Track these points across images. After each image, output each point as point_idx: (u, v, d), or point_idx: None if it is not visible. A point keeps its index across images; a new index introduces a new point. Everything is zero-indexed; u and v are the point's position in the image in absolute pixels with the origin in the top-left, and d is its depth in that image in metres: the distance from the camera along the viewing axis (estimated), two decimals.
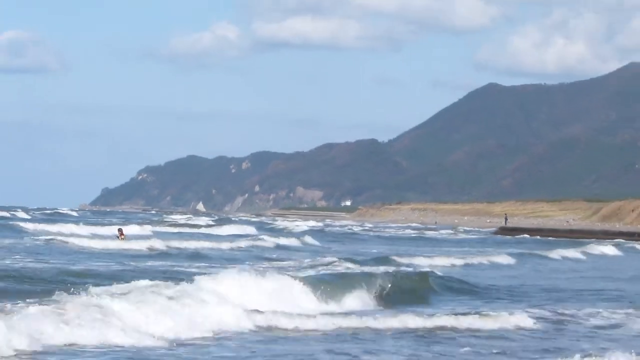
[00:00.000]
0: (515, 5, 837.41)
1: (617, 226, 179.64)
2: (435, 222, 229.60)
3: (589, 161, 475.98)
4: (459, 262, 68.17)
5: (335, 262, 57.00)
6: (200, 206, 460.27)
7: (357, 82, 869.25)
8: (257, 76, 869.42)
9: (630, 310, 37.16)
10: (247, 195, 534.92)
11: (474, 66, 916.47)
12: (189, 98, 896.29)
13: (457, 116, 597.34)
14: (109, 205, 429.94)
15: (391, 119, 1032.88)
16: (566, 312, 36.83)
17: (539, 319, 33.25)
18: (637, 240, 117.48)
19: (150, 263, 56.63)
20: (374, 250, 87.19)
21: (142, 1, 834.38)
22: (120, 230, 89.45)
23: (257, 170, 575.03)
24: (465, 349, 27.03)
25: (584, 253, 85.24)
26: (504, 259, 71.47)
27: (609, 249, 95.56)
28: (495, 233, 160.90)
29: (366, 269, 52.25)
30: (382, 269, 50.98)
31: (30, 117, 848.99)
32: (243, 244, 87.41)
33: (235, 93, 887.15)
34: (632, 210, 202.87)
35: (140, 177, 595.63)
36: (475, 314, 33.72)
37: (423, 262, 61.40)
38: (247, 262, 58.47)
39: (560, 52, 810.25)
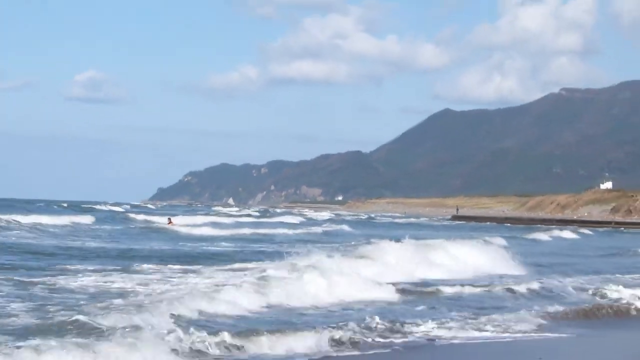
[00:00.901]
0: (465, 50, 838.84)
1: (540, 214, 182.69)
2: (405, 212, 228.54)
3: (519, 166, 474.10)
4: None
5: None
6: (231, 200, 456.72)
7: (346, 108, 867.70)
8: (271, 104, 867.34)
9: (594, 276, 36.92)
10: (265, 192, 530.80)
11: (433, 96, 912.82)
12: (221, 120, 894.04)
13: (420, 134, 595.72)
14: (163, 200, 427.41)
15: (371, 136, 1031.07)
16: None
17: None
18: (559, 225, 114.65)
19: (255, 245, 54.12)
20: (400, 232, 78.13)
21: (187, 48, 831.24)
22: (169, 218, 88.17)
23: (273, 174, 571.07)
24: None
25: (551, 236, 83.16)
26: (500, 241, 64.38)
27: (566, 233, 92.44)
28: (452, 219, 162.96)
29: None
30: None
31: (105, 135, 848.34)
32: (315, 229, 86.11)
33: (256, 116, 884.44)
34: (551, 203, 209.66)
35: (186, 179, 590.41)
36: None
37: None
38: (336, 243, 54.87)
39: (497, 85, 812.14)
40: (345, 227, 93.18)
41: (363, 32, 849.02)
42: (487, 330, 21.93)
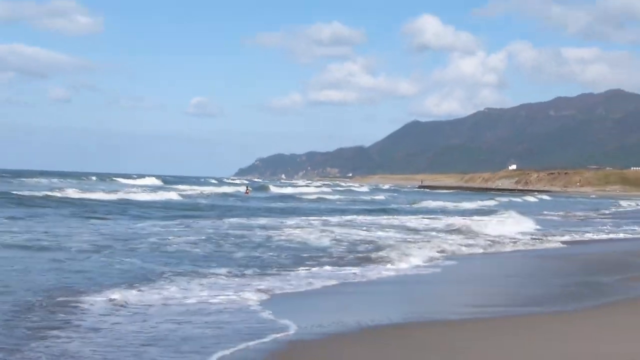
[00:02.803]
0: (428, 84, 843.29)
1: (473, 184, 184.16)
2: (388, 186, 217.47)
3: (460, 156, 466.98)
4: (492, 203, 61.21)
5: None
6: (283, 177, 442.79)
7: (354, 119, 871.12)
8: (309, 116, 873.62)
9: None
10: (304, 171, 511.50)
11: (408, 112, 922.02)
12: (278, 126, 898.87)
13: (400, 135, 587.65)
14: (242, 177, 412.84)
15: (370, 136, 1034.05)
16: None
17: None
18: (498, 193, 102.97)
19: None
20: (417, 196, 77.21)
21: (259, 82, 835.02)
22: (247, 186, 77.19)
23: (309, 160, 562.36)
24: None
25: (523, 200, 76.67)
26: (492, 202, 61.61)
27: (536, 196, 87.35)
28: (419, 188, 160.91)
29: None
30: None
31: (207, 136, 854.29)
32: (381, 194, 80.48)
33: (299, 124, 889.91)
34: (479, 178, 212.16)
35: (256, 163, 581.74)
36: None
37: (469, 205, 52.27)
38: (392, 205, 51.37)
39: (447, 105, 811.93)
40: (385, 195, 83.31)
41: (365, 73, 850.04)
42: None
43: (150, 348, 7.83)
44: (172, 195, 49.63)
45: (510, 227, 27.07)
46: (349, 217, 32.19)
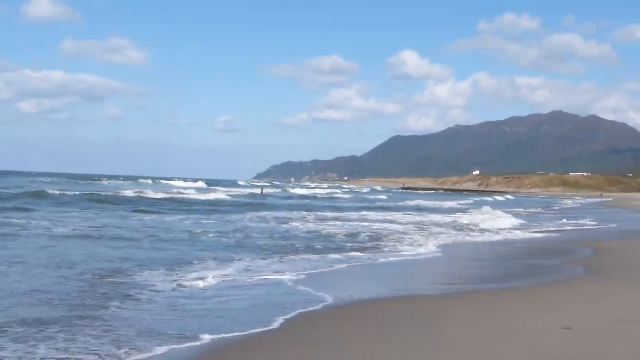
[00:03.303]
0: (408, 105, 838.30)
1: (445, 186, 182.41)
2: (379, 188, 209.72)
3: (434, 164, 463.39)
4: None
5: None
6: (292, 180, 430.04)
7: (350, 134, 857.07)
8: (314, 132, 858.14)
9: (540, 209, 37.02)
10: (309, 175, 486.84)
11: (393, 129, 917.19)
12: (289, 139, 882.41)
13: (386, 147, 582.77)
14: (260, 180, 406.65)
15: (362, 147, 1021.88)
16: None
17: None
18: (469, 194, 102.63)
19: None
20: (413, 196, 75.75)
21: (274, 104, 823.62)
22: (262, 188, 72.10)
23: (313, 166, 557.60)
24: None
25: (494, 199, 72.48)
26: (470, 201, 58.62)
27: (503, 197, 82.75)
28: (402, 189, 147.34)
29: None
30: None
31: (233, 147, 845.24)
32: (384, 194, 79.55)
33: (306, 138, 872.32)
34: (450, 182, 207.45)
35: (270, 168, 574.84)
36: None
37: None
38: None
39: (423, 123, 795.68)
40: (385, 194, 79.71)
41: (359, 97, 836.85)
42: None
43: (210, 318, 7.43)
44: (220, 195, 48.84)
45: (498, 222, 26.23)
46: (362, 213, 31.29)
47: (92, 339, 6.43)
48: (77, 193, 37.84)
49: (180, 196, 43.53)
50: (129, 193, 42.63)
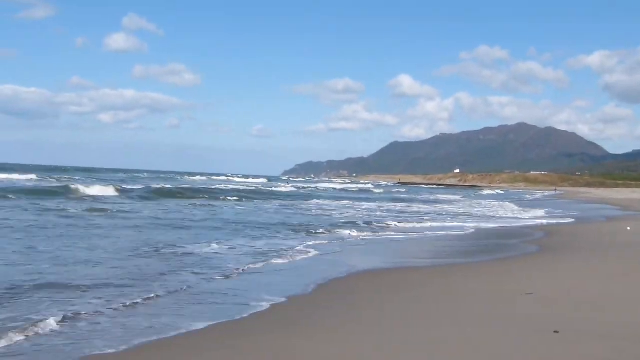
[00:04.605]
0: (403, 118, 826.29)
1: (432, 181, 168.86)
2: (384, 183, 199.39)
3: (426, 164, 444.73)
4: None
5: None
6: (312, 176, 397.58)
7: (358, 139, 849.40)
8: (329, 139, 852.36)
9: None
10: (325, 172, 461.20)
11: (392, 136, 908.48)
12: (309, 144, 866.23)
13: (386, 150, 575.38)
14: (285, 176, 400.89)
15: (368, 150, 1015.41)
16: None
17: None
18: (458, 188, 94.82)
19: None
20: (424, 190, 69.62)
21: (297, 117, 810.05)
22: (288, 183, 62.17)
23: (330, 165, 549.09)
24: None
25: (487, 193, 66.28)
26: (467, 194, 53.38)
27: (494, 190, 75.40)
28: (398, 184, 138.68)
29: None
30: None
31: (264, 149, 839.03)
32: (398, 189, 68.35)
33: (323, 144, 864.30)
34: (436, 178, 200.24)
35: (295, 167, 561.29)
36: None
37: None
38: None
39: (416, 131, 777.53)
40: (402, 189, 70.11)
41: (365, 111, 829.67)
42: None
43: (266, 282, 7.11)
44: (285, 188, 46.37)
45: (525, 212, 23.77)
46: (391, 204, 29.72)
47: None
48: (188, 186, 35.60)
49: (269, 189, 41.32)
50: (221, 186, 40.05)
